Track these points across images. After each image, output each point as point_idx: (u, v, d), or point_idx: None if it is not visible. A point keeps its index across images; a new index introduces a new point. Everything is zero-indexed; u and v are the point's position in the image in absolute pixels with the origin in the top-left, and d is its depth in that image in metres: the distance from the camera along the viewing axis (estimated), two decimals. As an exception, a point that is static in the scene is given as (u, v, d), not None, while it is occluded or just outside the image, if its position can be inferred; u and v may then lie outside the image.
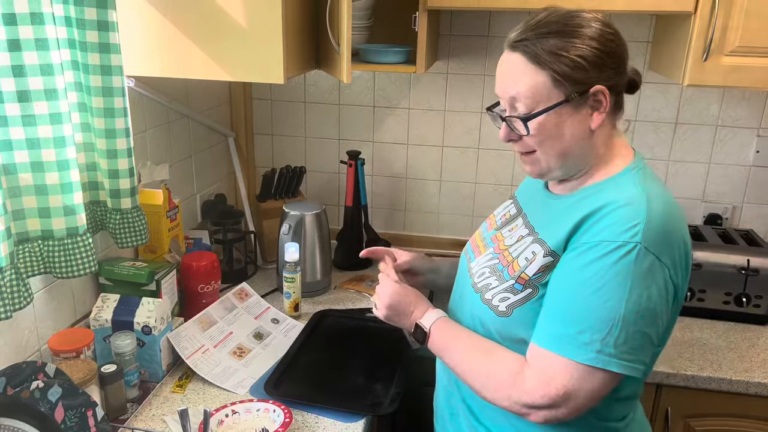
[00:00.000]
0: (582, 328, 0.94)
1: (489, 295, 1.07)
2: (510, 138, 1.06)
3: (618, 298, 0.92)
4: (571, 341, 0.94)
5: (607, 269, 0.93)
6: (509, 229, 1.16)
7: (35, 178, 1.18)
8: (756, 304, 1.71)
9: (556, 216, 1.05)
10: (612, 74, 0.99)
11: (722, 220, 2.02)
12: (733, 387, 1.50)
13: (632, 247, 0.92)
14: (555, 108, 0.99)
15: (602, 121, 1.01)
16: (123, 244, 1.41)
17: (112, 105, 1.30)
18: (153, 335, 1.36)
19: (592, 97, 0.99)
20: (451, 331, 1.12)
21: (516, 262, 1.06)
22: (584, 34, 0.98)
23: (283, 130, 2.20)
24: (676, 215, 0.98)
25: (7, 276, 1.10)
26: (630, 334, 0.92)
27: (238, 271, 1.92)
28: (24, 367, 1.05)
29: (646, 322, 0.93)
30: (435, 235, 2.22)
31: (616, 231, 0.94)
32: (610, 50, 0.99)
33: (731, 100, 1.92)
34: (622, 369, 0.93)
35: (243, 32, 1.32)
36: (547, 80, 0.98)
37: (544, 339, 0.98)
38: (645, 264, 0.92)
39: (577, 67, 0.97)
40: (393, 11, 1.85)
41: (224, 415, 1.25)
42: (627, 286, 0.92)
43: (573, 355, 0.94)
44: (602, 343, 0.92)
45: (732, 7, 1.50)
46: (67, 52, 1.25)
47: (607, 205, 0.97)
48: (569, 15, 1.00)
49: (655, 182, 1.03)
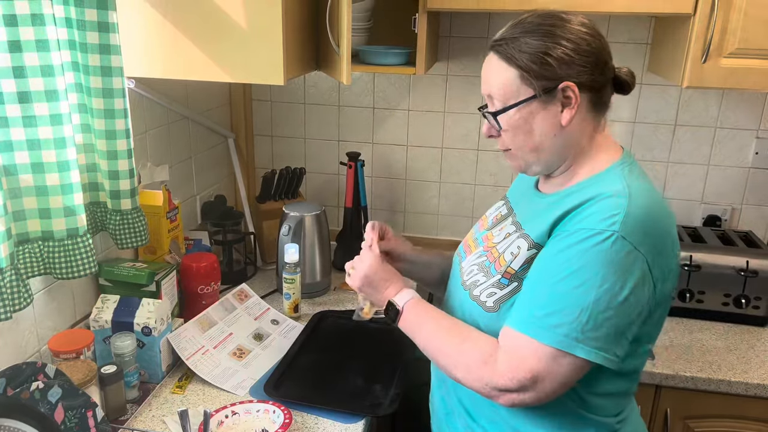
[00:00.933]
0: (551, 310, 0.94)
1: (477, 292, 1.09)
2: (490, 134, 1.09)
3: (590, 284, 0.93)
4: (540, 323, 0.95)
5: (581, 254, 0.94)
6: (499, 228, 1.17)
7: (36, 179, 1.19)
8: (755, 306, 1.72)
9: (541, 211, 1.07)
10: (582, 71, 1.00)
11: (721, 221, 2.02)
12: (732, 388, 1.50)
13: (609, 235, 0.92)
14: (523, 104, 1.02)
15: (572, 117, 1.01)
16: (123, 245, 1.41)
17: (112, 106, 1.30)
18: (153, 336, 1.36)
19: (560, 93, 1.00)
20: (424, 311, 1.13)
21: (502, 257, 1.08)
22: (555, 33, 1.00)
23: (283, 132, 2.20)
24: (659, 211, 0.99)
25: (7, 277, 1.11)
26: (599, 321, 0.93)
27: (238, 272, 1.93)
28: (24, 368, 1.05)
29: (618, 312, 0.93)
30: (434, 236, 2.22)
31: (595, 220, 0.95)
32: (581, 48, 1.00)
33: (730, 102, 1.93)
34: (589, 355, 0.93)
35: (243, 33, 1.32)
36: (515, 77, 1.01)
37: (516, 321, 0.99)
38: (621, 253, 0.92)
39: (543, 64, 0.99)
40: (393, 13, 1.86)
41: (224, 416, 1.25)
42: (600, 272, 0.92)
43: (540, 337, 0.95)
44: (570, 327, 0.93)
45: (731, 9, 1.50)
46: (68, 53, 1.25)
47: (590, 199, 0.98)
48: (547, 15, 1.03)
49: (641, 179, 1.03)
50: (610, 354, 0.95)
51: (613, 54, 1.05)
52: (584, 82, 1.00)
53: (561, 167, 1.08)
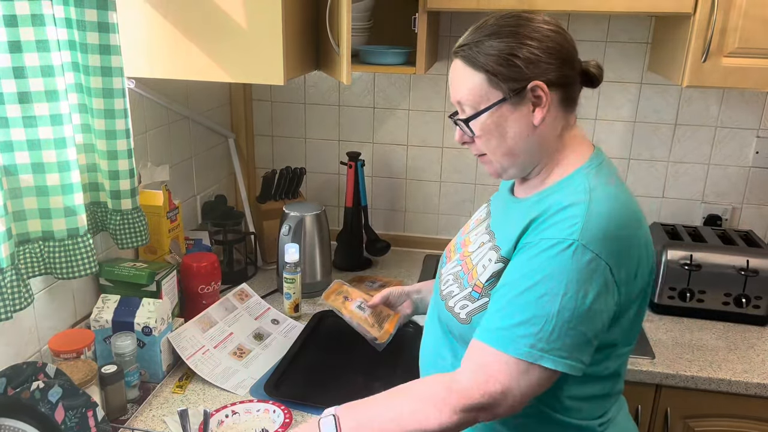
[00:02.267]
0: (517, 321, 0.94)
1: (452, 303, 1.09)
2: (464, 141, 1.08)
3: (554, 294, 0.92)
4: (506, 334, 0.94)
5: (543, 264, 0.93)
6: (476, 233, 1.17)
7: (36, 179, 1.19)
8: (755, 305, 1.71)
9: (511, 220, 1.06)
10: (550, 69, 0.99)
11: (722, 220, 2.02)
12: (733, 388, 1.50)
13: (569, 244, 0.92)
14: (494, 107, 1.01)
15: (544, 116, 1.01)
16: (123, 245, 1.41)
17: (112, 106, 1.30)
18: (153, 336, 1.36)
19: (530, 93, 1.00)
20: (361, 402, 1.04)
21: (475, 270, 1.07)
22: (519, 32, 0.99)
23: (283, 132, 2.20)
24: (622, 214, 0.97)
25: (7, 277, 1.11)
26: (564, 330, 0.92)
27: (239, 272, 1.93)
28: (24, 368, 1.05)
29: (581, 321, 0.93)
30: (434, 235, 2.22)
31: (556, 230, 0.95)
32: (546, 46, 0.99)
33: (730, 101, 1.93)
34: (555, 365, 0.93)
35: (243, 33, 1.32)
36: (483, 81, 1.01)
37: (483, 333, 0.97)
38: (583, 261, 0.92)
39: (510, 65, 0.99)
40: (393, 12, 1.86)
41: (224, 415, 1.25)
42: (563, 281, 0.92)
43: (507, 348, 0.93)
44: (535, 338, 0.92)
45: (731, 9, 1.50)
46: (68, 53, 1.26)
47: (550, 207, 0.98)
48: (508, 16, 1.02)
49: (608, 180, 1.02)
50: (575, 362, 0.94)
51: (613, 54, 1.05)
52: (553, 80, 1.00)
53: (535, 169, 1.08)
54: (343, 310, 1.41)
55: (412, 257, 2.14)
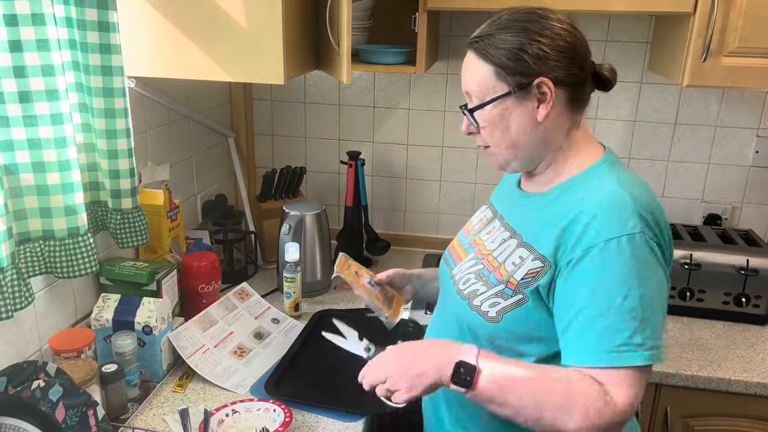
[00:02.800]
0: (631, 332, 0.92)
1: (477, 302, 1.07)
2: (470, 131, 1.10)
3: (650, 288, 0.94)
4: (626, 350, 0.92)
5: (628, 267, 0.93)
6: (487, 232, 1.16)
7: (36, 179, 1.19)
8: (755, 304, 1.72)
9: (534, 216, 1.06)
10: (557, 67, 1.00)
11: (722, 220, 2.02)
12: (732, 387, 1.51)
13: (639, 238, 0.94)
14: (499, 99, 1.03)
15: (548, 113, 1.02)
16: (124, 244, 1.41)
17: (112, 105, 1.30)
18: (154, 335, 1.36)
19: (536, 89, 1.01)
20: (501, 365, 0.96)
21: (503, 267, 1.06)
22: (531, 29, 1.01)
23: (284, 131, 2.20)
24: (657, 203, 1.01)
25: (8, 276, 1.11)
26: (662, 317, 0.96)
27: (239, 271, 1.93)
28: (25, 367, 1.05)
29: (664, 304, 0.97)
30: (434, 235, 2.22)
31: (615, 226, 0.95)
32: (556, 44, 1.00)
33: (730, 101, 1.93)
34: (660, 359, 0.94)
35: (243, 33, 1.32)
36: (491, 73, 1.03)
37: (601, 357, 0.93)
38: (655, 248, 0.95)
39: (518, 60, 1.00)
40: (393, 12, 1.86)
41: (224, 414, 1.26)
42: (652, 273, 0.95)
43: (634, 361, 0.92)
44: (652, 338, 0.93)
45: (731, 8, 1.50)
46: (68, 52, 1.26)
47: (585, 202, 0.98)
48: (523, 12, 1.03)
49: (627, 174, 1.05)
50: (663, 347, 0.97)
51: (614, 53, 1.05)
52: (560, 78, 1.01)
53: (542, 164, 1.09)
54: (356, 284, 1.38)
55: (412, 256, 2.14)
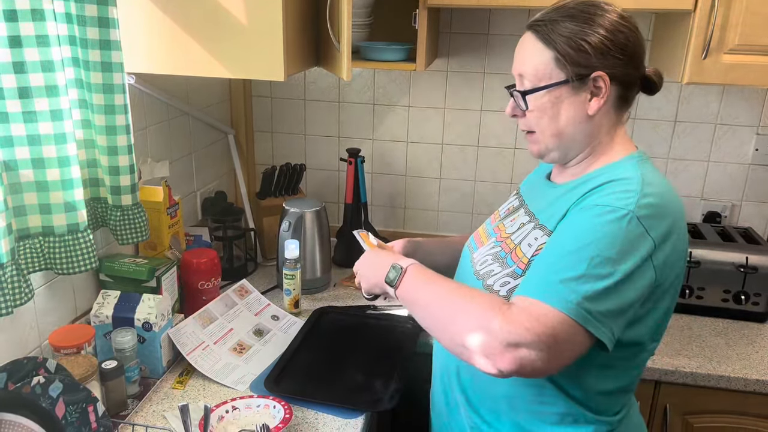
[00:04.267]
0: (567, 277, 0.92)
1: (491, 281, 1.08)
2: (514, 113, 1.10)
3: (604, 257, 0.92)
4: (556, 289, 0.92)
5: (598, 228, 0.94)
6: (511, 219, 1.17)
7: (36, 175, 1.19)
8: (754, 302, 1.72)
9: (555, 200, 1.07)
10: (616, 64, 1.01)
11: (721, 217, 2.02)
12: (732, 384, 1.51)
13: (625, 213, 0.93)
14: (554, 87, 1.03)
15: (600, 108, 1.02)
16: (123, 240, 1.41)
17: (112, 102, 1.30)
18: (153, 332, 1.36)
19: (592, 82, 1.01)
20: (429, 271, 1.07)
21: (519, 249, 1.07)
22: (596, 21, 1.00)
23: (283, 128, 2.20)
24: (672, 201, 0.99)
25: (8, 272, 1.11)
26: (609, 295, 0.91)
27: (238, 268, 1.93)
28: (25, 363, 1.05)
29: (624, 288, 0.92)
30: (434, 232, 2.22)
31: (611, 198, 0.96)
32: (618, 41, 1.00)
33: (730, 98, 1.93)
34: (597, 332, 0.91)
35: (243, 29, 1.32)
36: (550, 59, 1.02)
37: (530, 287, 0.95)
38: (635, 232, 0.93)
39: (580, 50, 1.00)
40: (393, 9, 1.86)
41: (224, 411, 1.26)
42: (615, 248, 0.92)
43: (553, 301, 0.91)
44: (583, 297, 0.90)
45: (731, 5, 1.50)
46: (68, 48, 1.25)
47: (604, 183, 0.99)
48: (588, 3, 1.03)
49: (655, 171, 1.05)
50: (610, 332, 0.93)
51: None
52: (617, 75, 1.01)
53: (578, 157, 1.09)
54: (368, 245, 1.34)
55: (411, 254, 2.14)
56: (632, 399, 1.15)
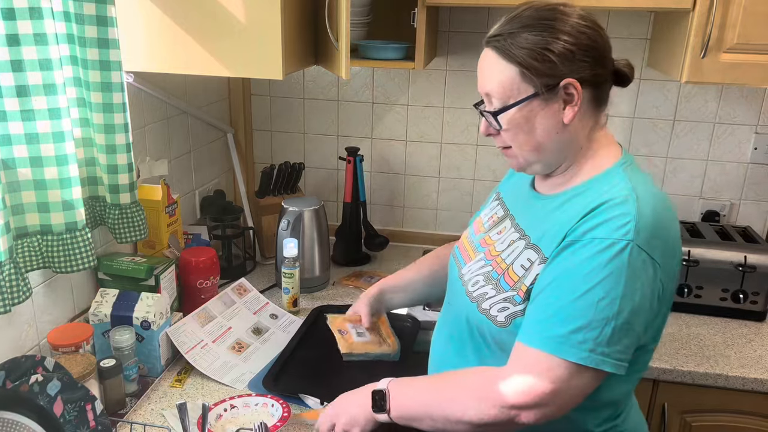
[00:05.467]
0: (575, 327, 0.92)
1: (486, 305, 1.05)
2: (489, 132, 1.06)
3: (613, 297, 0.91)
4: (564, 341, 0.92)
5: (600, 267, 0.91)
6: (497, 231, 1.14)
7: (34, 173, 1.19)
8: (753, 301, 1.72)
9: (545, 218, 1.04)
10: (584, 67, 0.97)
11: (720, 216, 2.02)
12: (730, 383, 1.51)
13: (625, 245, 0.91)
14: (524, 102, 0.99)
15: (575, 115, 0.99)
16: (122, 239, 1.41)
17: (111, 100, 1.30)
18: (152, 330, 1.36)
19: (562, 90, 0.97)
20: (410, 380, 1.08)
21: (512, 270, 1.04)
22: (555, 27, 0.97)
23: (282, 126, 2.20)
24: (666, 211, 0.97)
25: (6, 270, 1.11)
26: (623, 332, 0.91)
27: (237, 266, 1.93)
28: (23, 361, 1.05)
29: (636, 320, 0.92)
30: (433, 231, 2.22)
31: (608, 229, 0.93)
32: (582, 43, 0.97)
33: (729, 97, 1.93)
34: (614, 368, 0.92)
35: (242, 28, 1.32)
36: (515, 74, 0.98)
37: (535, 339, 0.95)
38: (638, 262, 0.91)
39: (544, 60, 0.96)
40: (392, 7, 1.85)
41: (223, 409, 1.26)
42: (621, 284, 0.91)
43: (566, 354, 0.92)
44: (595, 343, 0.91)
45: (730, 4, 1.50)
46: (66, 47, 1.25)
47: (598, 206, 0.96)
48: (545, 9, 0.99)
49: (643, 179, 1.02)
50: (626, 362, 0.94)
51: (613, 49, 1.04)
52: (586, 78, 0.97)
53: (561, 166, 1.06)
54: (353, 349, 1.43)
55: (410, 252, 2.14)
56: (632, 399, 1.15)
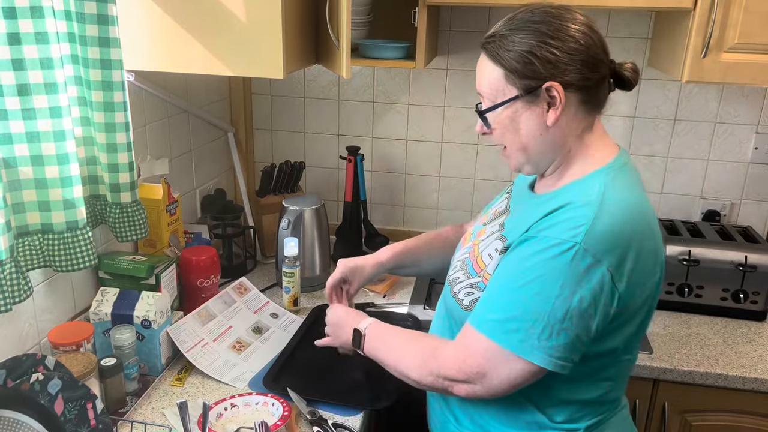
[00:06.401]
0: (509, 316, 0.96)
1: (456, 289, 1.10)
2: (483, 131, 1.08)
3: (547, 295, 0.93)
4: (498, 327, 0.97)
5: (542, 264, 0.94)
6: (492, 225, 1.16)
7: (35, 172, 1.19)
8: (753, 301, 1.72)
9: (523, 214, 1.06)
10: (568, 71, 0.97)
11: (720, 216, 2.02)
12: (730, 383, 1.51)
13: (570, 246, 0.92)
14: (508, 103, 1.01)
15: (558, 117, 0.99)
16: (122, 238, 1.41)
17: (111, 99, 1.30)
18: (152, 329, 1.37)
19: (545, 93, 0.98)
20: (384, 330, 1.20)
21: (480, 258, 1.09)
22: (541, 31, 0.97)
23: (283, 126, 2.20)
24: (632, 221, 0.96)
25: (6, 269, 1.11)
26: (556, 330, 0.93)
27: (238, 265, 1.93)
28: (24, 360, 1.05)
29: (574, 323, 0.93)
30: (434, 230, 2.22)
31: (560, 229, 0.94)
32: (567, 48, 0.97)
33: (730, 97, 1.93)
34: (545, 363, 0.94)
35: (243, 27, 1.32)
36: (501, 76, 1.01)
37: (476, 320, 1.01)
38: (582, 265, 0.91)
39: (526, 63, 0.98)
40: (392, 7, 1.85)
41: (223, 408, 1.26)
42: (558, 283, 0.92)
43: (498, 339, 0.97)
44: (526, 334, 0.94)
45: (731, 4, 1.50)
46: (67, 45, 1.25)
47: (561, 206, 0.97)
48: (538, 12, 1.00)
49: (627, 184, 1.01)
50: (565, 361, 0.95)
51: (614, 49, 1.03)
52: (571, 81, 0.97)
53: (551, 167, 1.06)
54: None
55: (411, 252, 2.14)
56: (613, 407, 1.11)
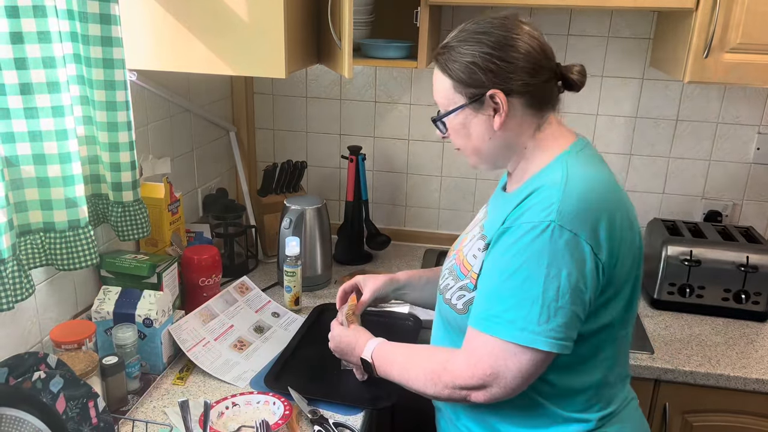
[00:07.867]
0: (505, 307, 0.98)
1: (448, 295, 1.13)
2: (443, 135, 1.15)
3: (536, 278, 0.95)
4: (496, 321, 0.99)
5: (524, 249, 0.96)
6: (473, 230, 1.19)
7: (37, 171, 1.19)
8: (755, 301, 1.72)
9: (498, 213, 1.09)
10: (509, 78, 1.02)
11: (722, 217, 2.02)
12: (731, 383, 1.51)
13: (546, 226, 0.95)
14: (456, 111, 1.08)
15: (503, 122, 1.04)
16: (124, 237, 1.41)
17: (114, 98, 1.30)
18: (154, 328, 1.37)
19: (489, 100, 1.04)
20: (390, 351, 1.22)
21: (465, 260, 1.12)
22: (484, 41, 1.03)
23: (285, 125, 2.20)
24: (598, 192, 1.00)
25: (9, 267, 1.11)
26: (552, 311, 0.95)
27: (239, 264, 1.93)
28: (26, 358, 1.06)
29: (568, 299, 0.95)
30: (435, 230, 2.22)
31: (533, 213, 0.98)
32: (507, 57, 1.02)
33: (732, 97, 1.93)
34: (549, 347, 0.96)
35: (245, 26, 1.32)
36: (449, 86, 1.08)
37: (474, 319, 1.03)
38: (561, 241, 0.95)
39: (471, 73, 1.04)
40: (394, 6, 1.85)
41: (224, 407, 1.26)
42: (544, 264, 0.95)
43: (499, 333, 0.98)
44: (525, 321, 0.96)
45: (733, 4, 1.50)
46: (70, 45, 1.26)
47: (531, 193, 1.01)
48: (484, 22, 1.06)
49: (586, 162, 1.05)
50: (566, 341, 0.97)
51: (616, 49, 1.05)
52: (513, 88, 1.03)
53: (510, 165, 1.12)
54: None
55: (412, 251, 2.14)
56: (624, 395, 1.14)
